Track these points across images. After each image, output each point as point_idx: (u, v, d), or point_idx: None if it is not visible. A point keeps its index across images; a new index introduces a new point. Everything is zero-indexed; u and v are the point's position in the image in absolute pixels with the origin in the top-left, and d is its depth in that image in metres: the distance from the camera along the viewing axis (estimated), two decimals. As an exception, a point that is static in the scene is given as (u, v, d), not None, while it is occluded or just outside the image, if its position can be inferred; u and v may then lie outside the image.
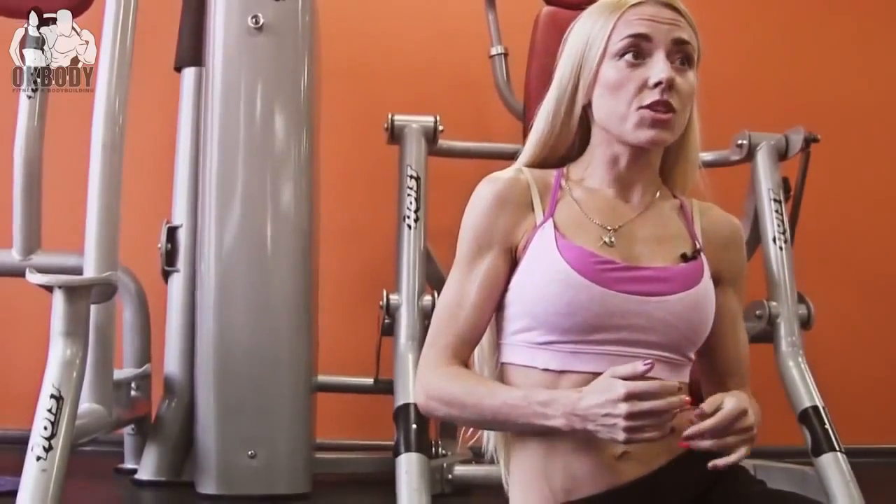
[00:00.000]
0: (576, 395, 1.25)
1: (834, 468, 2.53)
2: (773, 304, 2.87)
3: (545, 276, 1.32)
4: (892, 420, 3.96)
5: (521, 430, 1.35)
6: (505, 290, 1.38)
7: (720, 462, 1.23)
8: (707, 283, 1.37)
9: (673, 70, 1.33)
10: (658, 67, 1.32)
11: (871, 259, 4.11)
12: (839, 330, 3.72)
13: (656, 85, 1.31)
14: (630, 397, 1.19)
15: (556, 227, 1.36)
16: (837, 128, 3.67)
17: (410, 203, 2.90)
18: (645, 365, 1.21)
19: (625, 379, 1.21)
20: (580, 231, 1.36)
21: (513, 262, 1.38)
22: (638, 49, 1.34)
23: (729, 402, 1.24)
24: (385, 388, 2.92)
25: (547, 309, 1.31)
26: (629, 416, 1.18)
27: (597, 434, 1.22)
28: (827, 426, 2.61)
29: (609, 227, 1.37)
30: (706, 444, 1.23)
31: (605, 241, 1.35)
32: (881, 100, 4.21)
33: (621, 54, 1.35)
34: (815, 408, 2.66)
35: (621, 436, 1.19)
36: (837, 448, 2.57)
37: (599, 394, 1.22)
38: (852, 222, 4.12)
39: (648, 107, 1.32)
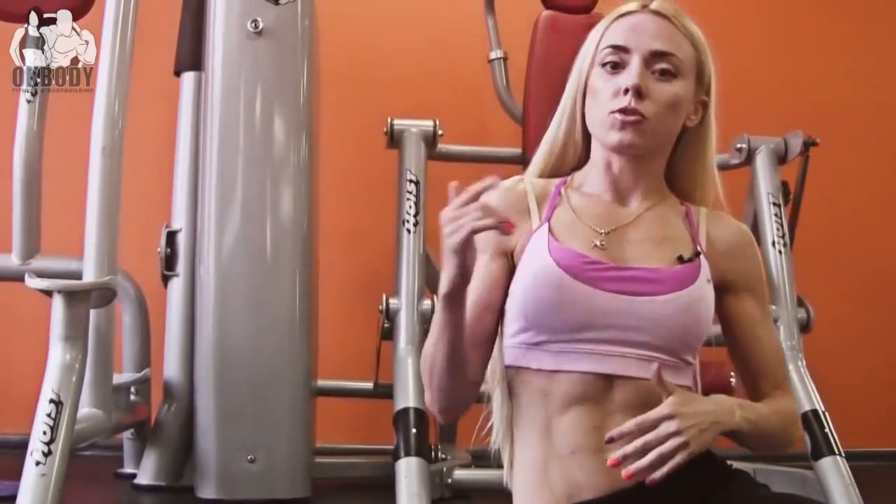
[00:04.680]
0: None
1: (834, 472, 2.54)
2: (773, 307, 2.87)
3: (536, 277, 1.34)
4: (891, 424, 3.96)
5: (450, 329, 1.31)
6: (506, 295, 1.40)
7: (656, 475, 1.19)
8: (703, 285, 1.37)
9: (650, 79, 1.37)
10: (628, 74, 1.36)
11: (870, 263, 4.11)
12: (839, 333, 3.71)
13: (626, 91, 1.35)
14: (457, 205, 1.21)
15: (550, 231, 1.38)
16: (836, 131, 3.68)
17: (410, 207, 2.90)
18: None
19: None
20: (573, 234, 1.38)
21: (511, 268, 1.41)
22: (617, 58, 1.38)
23: (655, 409, 1.21)
24: (385, 392, 2.92)
25: (537, 308, 1.33)
26: (449, 219, 1.21)
27: (447, 249, 1.23)
28: (827, 430, 2.62)
29: (601, 231, 1.39)
30: (643, 462, 1.19)
31: (596, 244, 1.37)
32: (880, 104, 4.21)
33: (603, 64, 1.40)
34: (815, 412, 2.66)
35: (448, 242, 1.21)
36: (837, 452, 2.57)
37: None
38: (852, 226, 4.12)
39: (618, 111, 1.36)
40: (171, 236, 3.09)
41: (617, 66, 1.38)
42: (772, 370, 1.45)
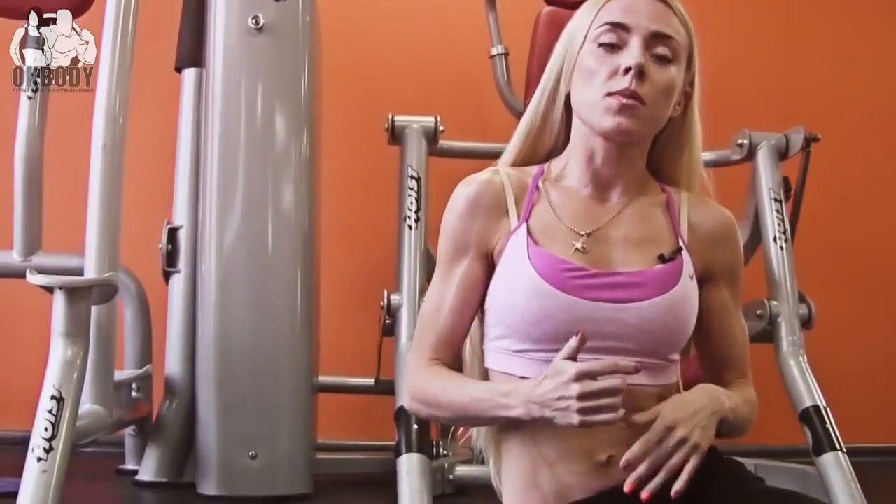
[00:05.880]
0: (534, 382, 1.24)
1: (835, 467, 2.53)
2: (774, 303, 2.87)
3: (515, 285, 1.32)
4: (893, 419, 3.96)
5: (492, 423, 1.37)
6: (485, 293, 1.38)
7: (678, 486, 1.20)
8: (686, 284, 1.34)
9: (650, 61, 1.32)
10: (630, 54, 1.31)
11: (871, 258, 4.11)
12: (840, 329, 3.71)
13: (627, 71, 1.30)
14: (581, 377, 1.18)
15: (529, 232, 1.35)
16: (838, 127, 3.68)
17: (411, 203, 2.90)
18: (577, 336, 1.21)
19: (568, 358, 1.21)
20: (553, 237, 1.35)
21: (490, 266, 1.38)
22: (615, 36, 1.33)
23: (654, 425, 1.22)
24: (386, 388, 2.92)
25: (516, 317, 1.31)
26: (582, 396, 1.17)
27: (554, 420, 1.21)
28: (828, 425, 2.61)
29: (582, 233, 1.35)
30: (657, 481, 1.21)
31: (577, 248, 1.34)
32: (881, 99, 4.21)
33: (599, 42, 1.34)
34: (816, 407, 2.65)
35: (576, 419, 1.18)
36: (838, 447, 2.57)
37: (552, 378, 1.21)
38: (853, 221, 4.11)
39: (616, 93, 1.30)
40: (173, 233, 3.09)
41: (614, 46, 1.33)
42: (740, 360, 1.44)
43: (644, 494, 1.21)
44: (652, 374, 1.31)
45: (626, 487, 1.21)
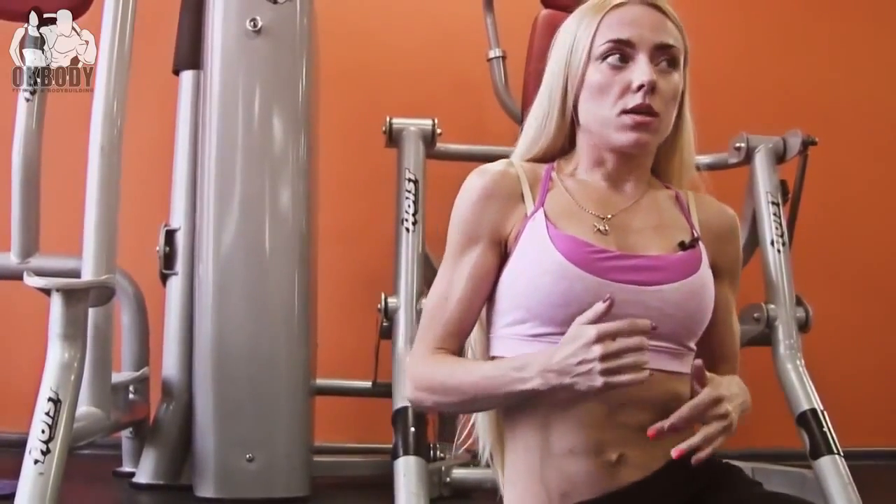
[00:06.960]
0: (549, 351, 1.23)
1: (832, 471, 2.53)
2: (772, 306, 2.87)
3: (538, 268, 1.30)
4: (890, 422, 3.96)
5: (505, 402, 1.33)
6: (495, 283, 1.37)
7: (702, 455, 1.21)
8: (705, 271, 1.36)
9: (656, 72, 1.33)
10: (640, 71, 1.32)
11: (869, 261, 4.11)
12: (837, 332, 3.71)
13: (639, 88, 1.31)
14: (602, 338, 1.17)
15: (547, 217, 1.35)
16: (835, 131, 3.68)
17: (409, 206, 2.90)
18: (605, 301, 1.20)
19: (593, 322, 1.20)
20: (572, 220, 1.35)
21: (502, 254, 1.37)
22: (621, 53, 1.34)
23: (703, 393, 1.23)
24: (383, 391, 2.92)
25: (541, 301, 1.29)
26: (604, 357, 1.17)
27: (575, 387, 1.20)
28: (825, 429, 2.61)
29: (602, 216, 1.36)
30: (695, 440, 1.21)
31: (599, 230, 1.34)
32: (879, 103, 4.21)
33: (604, 57, 1.35)
34: (814, 410, 2.66)
35: (599, 381, 1.17)
36: (836, 451, 2.57)
37: (570, 343, 1.20)
38: (850, 225, 4.12)
39: (631, 111, 1.32)
40: (170, 235, 3.09)
41: (621, 60, 1.34)
42: (734, 356, 1.46)
43: (675, 452, 1.21)
44: (674, 359, 1.32)
45: (649, 432, 1.22)
